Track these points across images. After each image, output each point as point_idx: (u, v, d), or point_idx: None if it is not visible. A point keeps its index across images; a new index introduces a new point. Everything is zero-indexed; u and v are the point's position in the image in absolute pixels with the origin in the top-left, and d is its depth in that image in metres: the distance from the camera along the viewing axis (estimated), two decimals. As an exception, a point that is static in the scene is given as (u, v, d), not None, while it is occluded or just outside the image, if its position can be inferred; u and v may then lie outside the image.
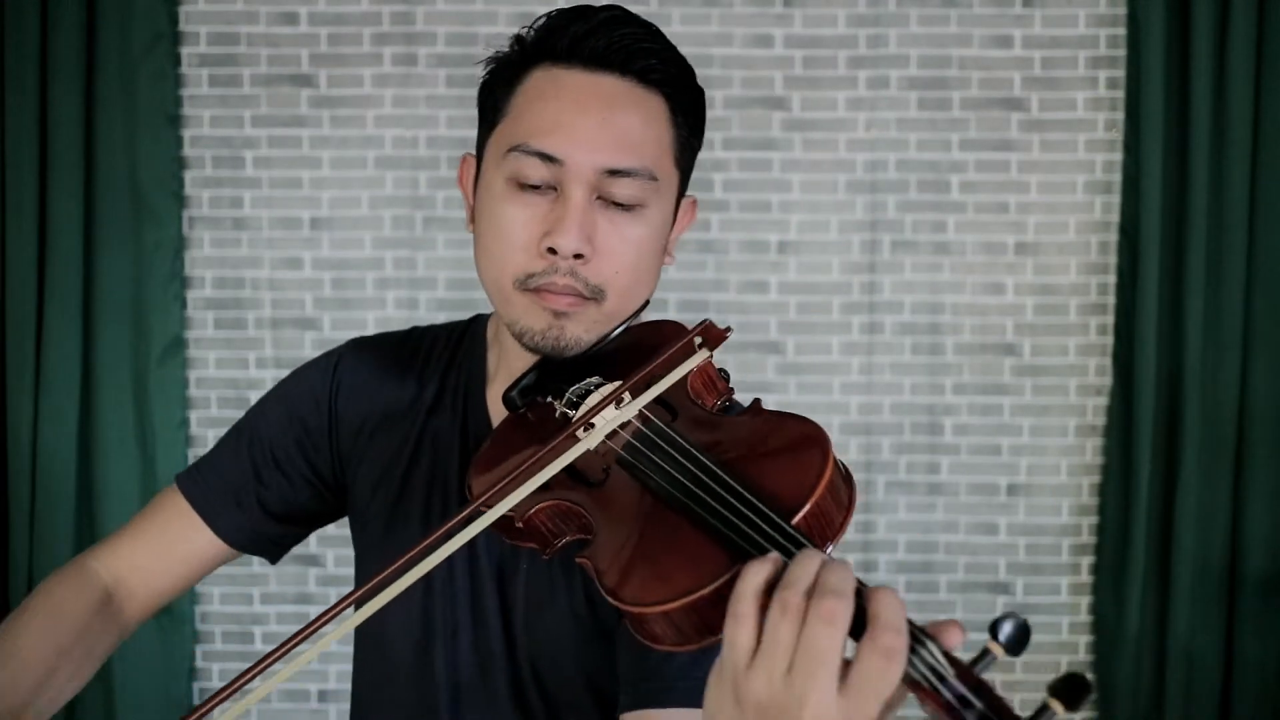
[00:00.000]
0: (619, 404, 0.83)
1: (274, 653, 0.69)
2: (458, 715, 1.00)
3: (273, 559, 1.14)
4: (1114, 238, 2.69)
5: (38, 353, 2.60)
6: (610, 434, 0.81)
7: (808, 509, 0.69)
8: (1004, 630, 0.60)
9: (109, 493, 2.63)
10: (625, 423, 0.81)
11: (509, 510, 0.80)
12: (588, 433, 0.82)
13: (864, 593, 0.60)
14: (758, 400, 0.85)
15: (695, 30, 2.66)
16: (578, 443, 0.80)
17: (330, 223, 2.71)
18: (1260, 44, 2.57)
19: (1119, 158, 2.67)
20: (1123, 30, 2.65)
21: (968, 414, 2.74)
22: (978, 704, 0.58)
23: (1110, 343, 2.71)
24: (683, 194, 0.98)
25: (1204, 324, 2.60)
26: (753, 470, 0.74)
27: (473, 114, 0.98)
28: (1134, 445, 2.64)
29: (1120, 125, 2.66)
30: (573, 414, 0.86)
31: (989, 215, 2.72)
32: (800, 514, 0.69)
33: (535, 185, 0.89)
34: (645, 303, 0.97)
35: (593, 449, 0.81)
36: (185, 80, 2.68)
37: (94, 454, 2.64)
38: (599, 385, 0.88)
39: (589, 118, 0.87)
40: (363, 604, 0.74)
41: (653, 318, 1.00)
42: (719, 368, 0.90)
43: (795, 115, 2.70)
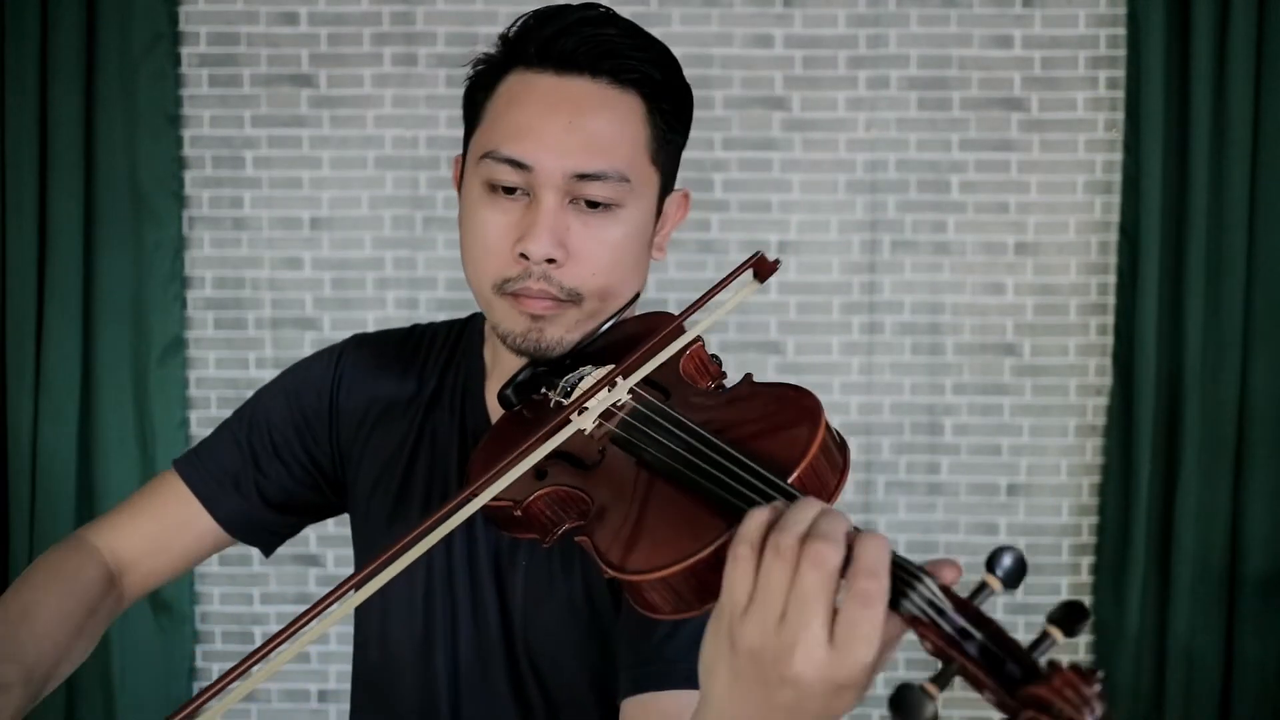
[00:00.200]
0: (611, 388, 0.84)
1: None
2: (458, 710, 1.00)
3: (267, 550, 1.14)
4: (1114, 238, 2.69)
5: (38, 353, 2.60)
6: (605, 415, 0.82)
7: (802, 468, 0.69)
8: (1001, 564, 0.60)
9: (109, 493, 2.63)
10: (620, 404, 0.82)
11: (509, 500, 0.80)
12: (581, 415, 0.82)
13: (853, 540, 0.60)
14: (749, 375, 0.85)
15: (695, 30, 2.66)
16: (570, 424, 0.81)
17: (330, 223, 2.71)
18: (1260, 44, 2.56)
19: (1119, 158, 2.67)
20: (1123, 30, 2.65)
21: (968, 414, 2.74)
22: (978, 635, 0.57)
23: (1110, 343, 2.70)
24: (668, 190, 0.97)
25: (1204, 324, 2.60)
26: (746, 435, 0.74)
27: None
28: (1134, 445, 2.64)
29: (1120, 125, 2.66)
30: (565, 402, 0.87)
31: (989, 215, 2.72)
32: (795, 473, 0.69)
33: (509, 190, 0.89)
34: (636, 296, 0.97)
35: (587, 432, 0.81)
36: (185, 80, 2.68)
37: (94, 454, 2.64)
38: (592, 373, 0.89)
39: (556, 122, 0.87)
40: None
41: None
42: (712, 354, 0.90)
43: (795, 115, 2.70)
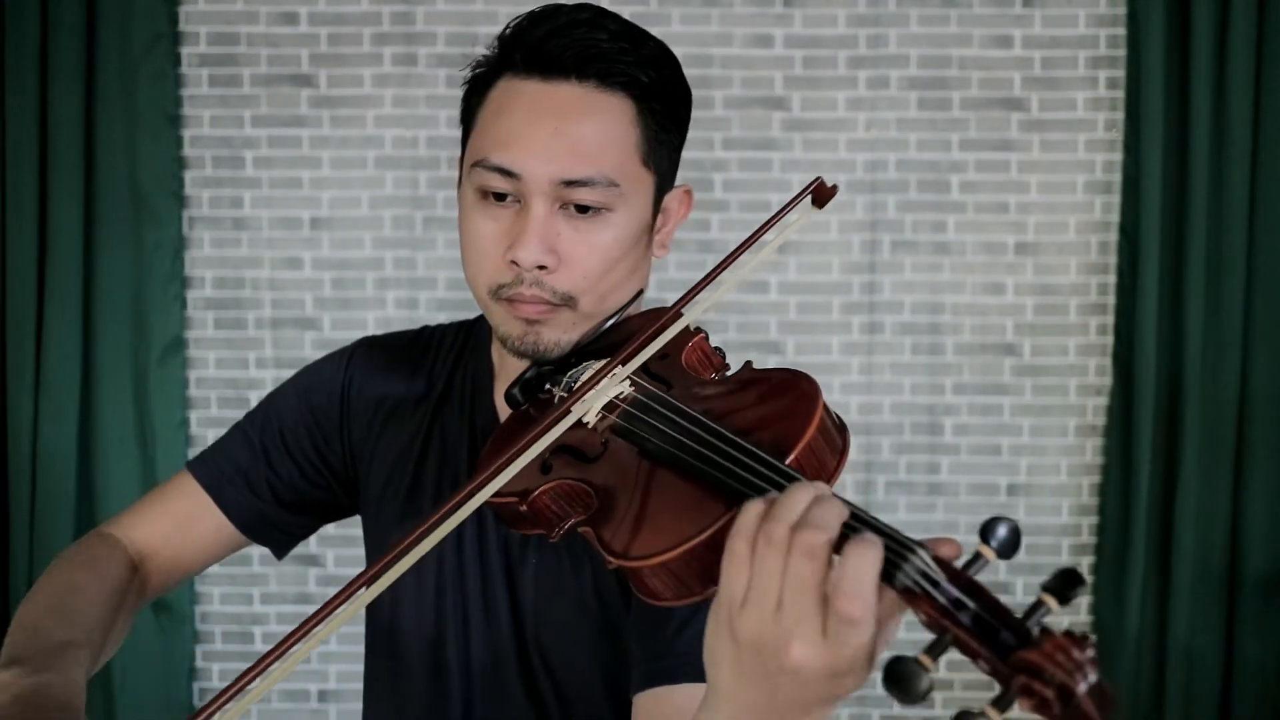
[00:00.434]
0: (612, 378, 0.85)
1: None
2: (470, 708, 1.01)
3: (280, 551, 1.15)
4: (1114, 238, 2.69)
5: (38, 353, 2.60)
6: (608, 408, 0.82)
7: (799, 449, 0.69)
8: (996, 534, 0.58)
9: (109, 493, 2.63)
10: (621, 395, 0.82)
11: (514, 495, 0.80)
12: (582, 405, 0.83)
13: (849, 536, 0.59)
14: (749, 362, 0.86)
15: (695, 30, 2.66)
16: (570, 416, 0.81)
17: (330, 223, 2.71)
18: (1260, 44, 2.57)
19: (1119, 158, 2.67)
20: (1123, 30, 2.65)
21: (968, 414, 2.74)
22: (971, 605, 0.57)
23: (1110, 343, 2.70)
24: (665, 189, 0.98)
25: (1204, 324, 2.60)
26: (745, 420, 0.75)
27: (473, 114, 0.99)
28: (1134, 445, 2.64)
29: (1120, 125, 2.66)
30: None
31: (989, 215, 2.72)
32: (793, 455, 0.69)
33: (500, 197, 0.90)
34: (639, 293, 0.98)
35: (590, 425, 0.82)
36: (185, 80, 2.68)
37: (94, 454, 2.64)
38: (594, 367, 0.90)
39: (542, 129, 0.88)
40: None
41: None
42: (715, 346, 0.91)
43: (795, 115, 2.70)
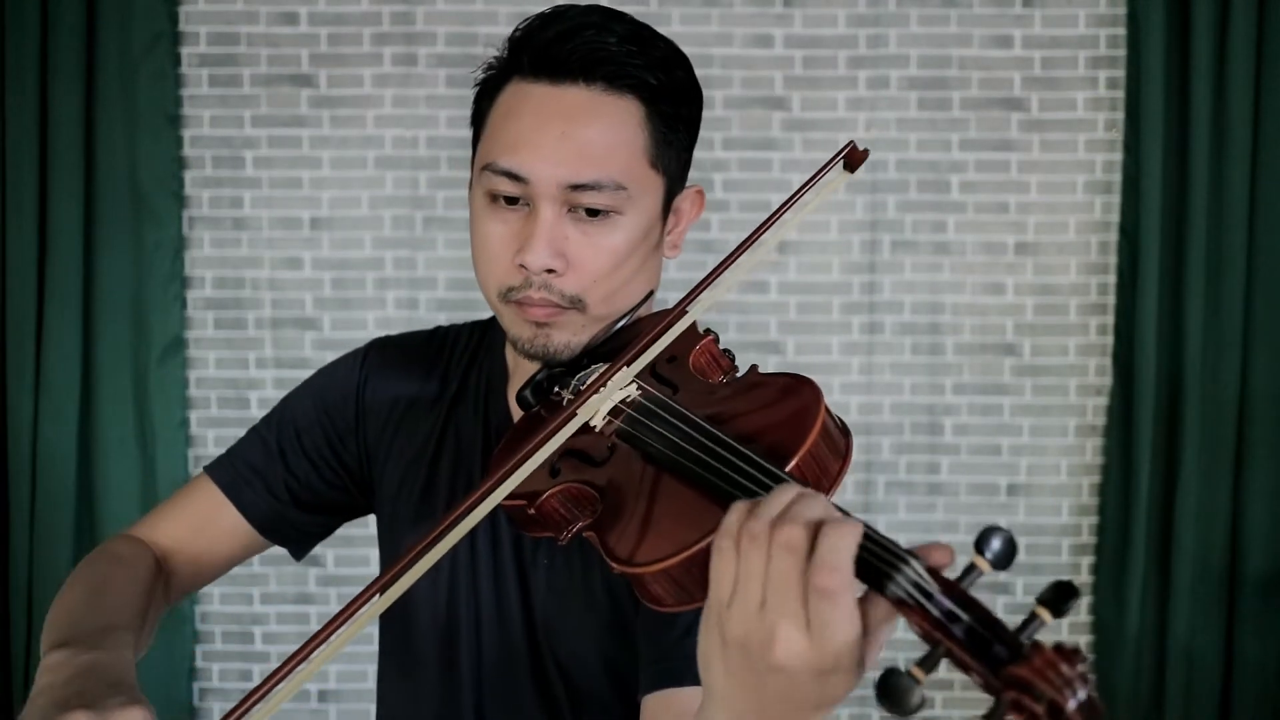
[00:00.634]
0: (617, 378, 0.85)
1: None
2: (481, 707, 1.01)
3: (297, 553, 1.16)
4: (1114, 238, 2.69)
5: (38, 353, 2.60)
6: (614, 412, 0.82)
7: (800, 455, 0.69)
8: (990, 546, 0.58)
9: (109, 493, 2.63)
10: (627, 399, 0.82)
11: (522, 498, 0.80)
12: (588, 408, 0.83)
13: (821, 528, 0.59)
14: (754, 366, 0.86)
15: (695, 30, 2.66)
16: (576, 419, 0.81)
17: (330, 223, 2.71)
18: (1260, 44, 2.57)
19: (1119, 158, 2.67)
20: (1123, 30, 2.65)
21: (968, 414, 2.74)
22: (965, 618, 0.57)
23: (1110, 343, 2.70)
24: (675, 190, 0.97)
25: (1204, 324, 2.60)
26: (746, 425, 0.75)
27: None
28: (1134, 445, 2.64)
29: (1120, 125, 2.66)
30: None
31: (989, 215, 2.72)
32: (794, 461, 0.69)
33: (510, 200, 0.90)
34: (650, 294, 0.98)
35: (597, 429, 0.82)
36: (185, 80, 2.68)
37: (94, 454, 2.64)
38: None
39: (549, 133, 0.88)
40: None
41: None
42: (723, 348, 0.91)
43: (795, 115, 2.70)
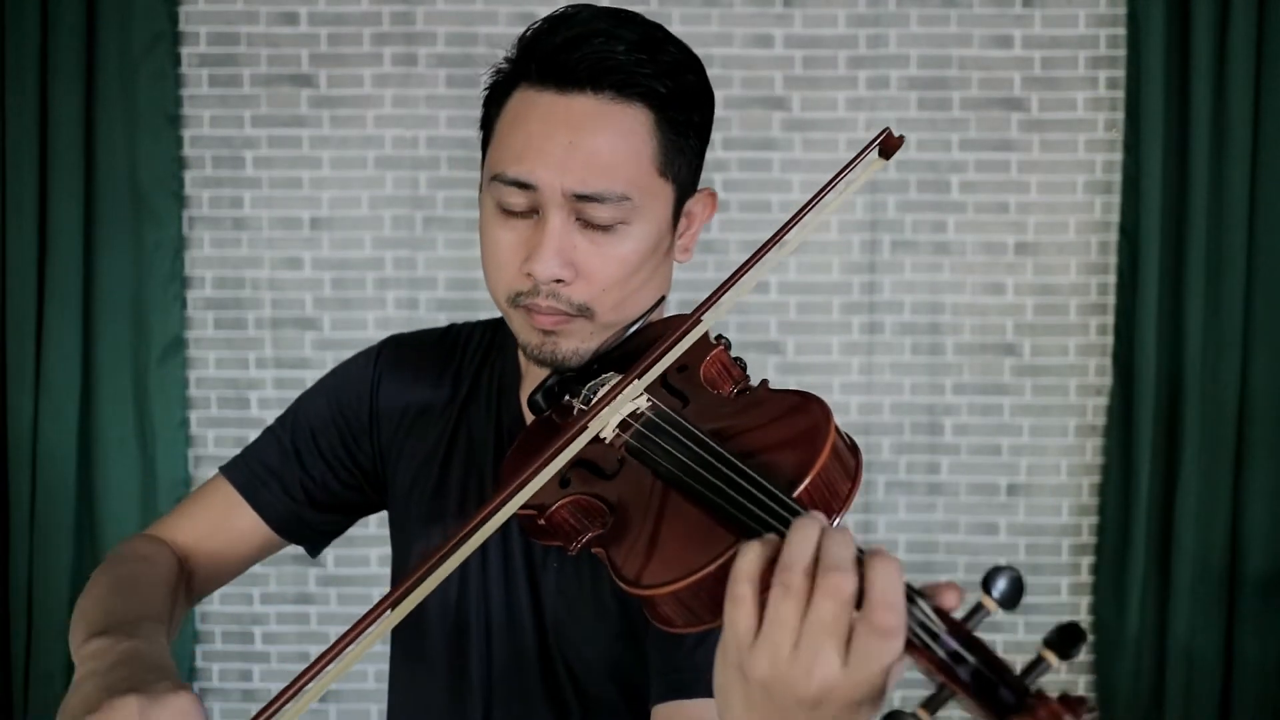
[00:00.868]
0: (627, 392, 0.84)
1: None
2: (490, 711, 1.01)
3: (313, 550, 1.16)
4: (1114, 238, 2.69)
5: (38, 353, 2.60)
6: (623, 424, 0.82)
7: (810, 479, 0.69)
8: (998, 586, 0.59)
9: (109, 493, 2.63)
10: (636, 412, 0.82)
11: (533, 508, 0.80)
12: (599, 421, 0.82)
13: (863, 560, 0.60)
14: (765, 381, 0.86)
15: (695, 30, 2.66)
16: (588, 429, 0.81)
17: (330, 223, 2.71)
18: (1260, 44, 2.56)
19: (1119, 158, 2.67)
20: (1123, 30, 2.65)
21: (968, 414, 2.74)
22: (971, 660, 0.57)
23: (1110, 343, 2.70)
24: (686, 195, 0.97)
25: (1204, 324, 2.60)
26: (755, 447, 0.74)
27: (472, 114, 0.99)
28: (1134, 445, 2.64)
29: (1120, 125, 2.66)
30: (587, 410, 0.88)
31: (989, 215, 2.72)
32: (803, 485, 0.69)
33: (519, 209, 0.90)
34: (661, 299, 0.98)
35: (607, 441, 0.82)
36: (185, 80, 2.68)
37: (94, 454, 2.64)
38: (613, 380, 0.89)
39: (556, 142, 0.87)
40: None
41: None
42: (735, 356, 0.90)
43: (795, 115, 2.70)
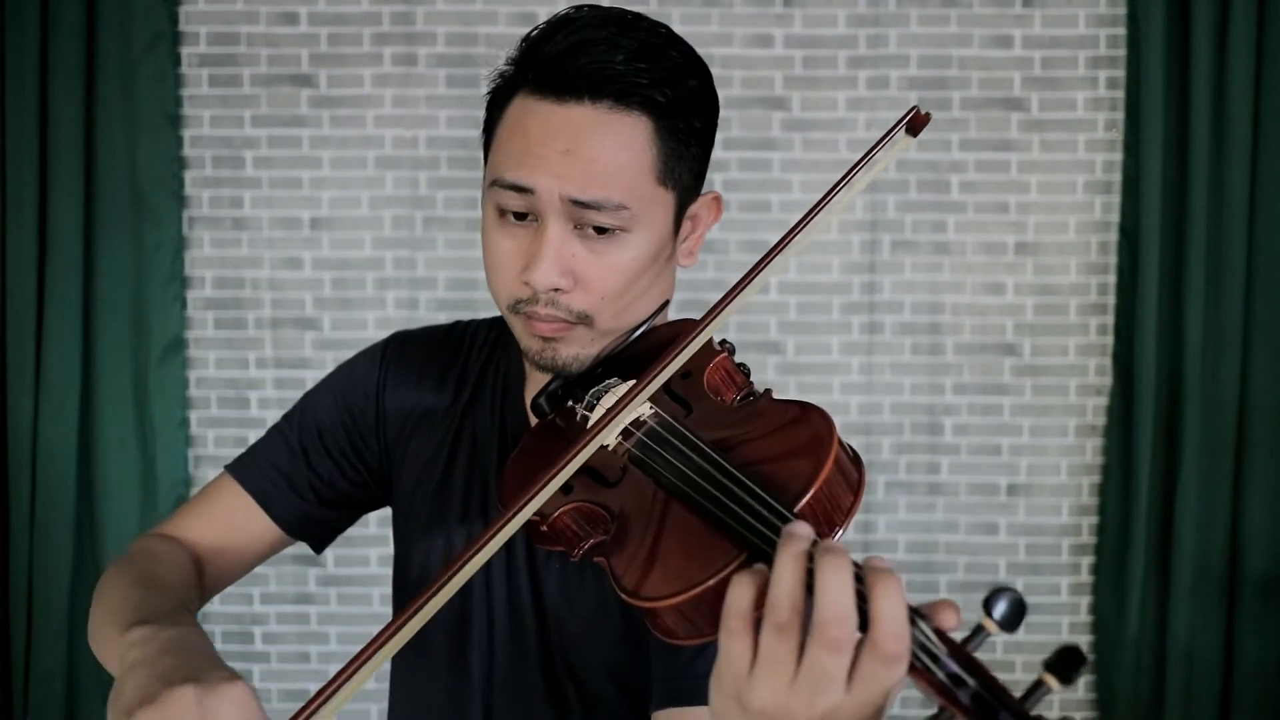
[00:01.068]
0: (631, 403, 0.84)
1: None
2: (491, 710, 1.01)
3: (318, 548, 1.16)
4: (1114, 238, 2.69)
5: (38, 353, 2.60)
6: (625, 433, 0.81)
7: (812, 494, 0.69)
8: (998, 607, 0.58)
9: (109, 493, 2.63)
10: (639, 420, 0.82)
11: (536, 515, 0.80)
12: (604, 431, 0.82)
13: (864, 578, 0.59)
14: (768, 391, 0.85)
15: (695, 30, 2.66)
16: (590, 444, 0.80)
17: (330, 223, 2.71)
18: (1260, 44, 2.56)
19: (1119, 158, 2.67)
20: (1123, 30, 2.65)
21: (968, 414, 2.74)
22: (971, 682, 0.56)
23: (1110, 343, 2.70)
24: (688, 201, 0.96)
25: (1204, 324, 2.60)
26: (757, 459, 0.74)
27: (472, 114, 0.99)
28: (1134, 445, 2.64)
29: (1120, 125, 2.66)
30: (590, 415, 0.87)
31: (989, 215, 2.72)
32: (806, 498, 0.68)
33: (519, 217, 0.90)
34: (665, 304, 0.98)
35: (610, 448, 0.81)
36: (185, 80, 2.68)
37: (94, 454, 2.64)
38: (616, 386, 0.89)
39: (553, 148, 0.87)
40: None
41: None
42: (738, 362, 0.90)
43: (795, 115, 2.70)
